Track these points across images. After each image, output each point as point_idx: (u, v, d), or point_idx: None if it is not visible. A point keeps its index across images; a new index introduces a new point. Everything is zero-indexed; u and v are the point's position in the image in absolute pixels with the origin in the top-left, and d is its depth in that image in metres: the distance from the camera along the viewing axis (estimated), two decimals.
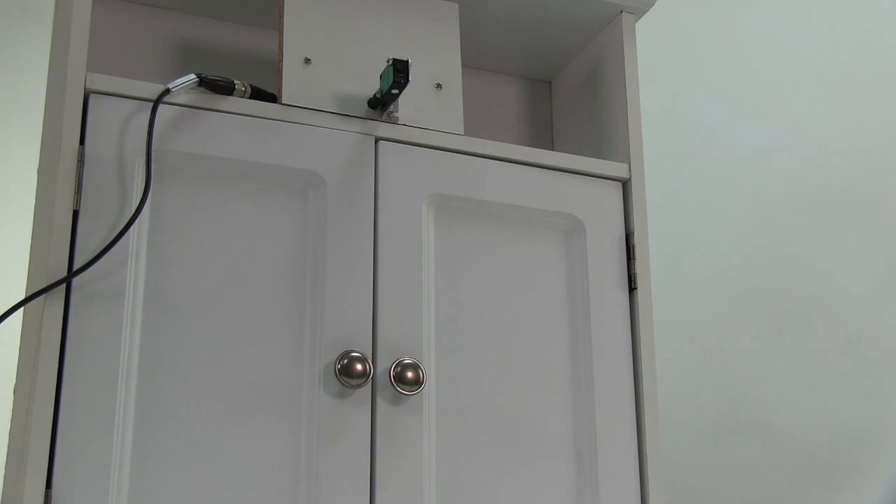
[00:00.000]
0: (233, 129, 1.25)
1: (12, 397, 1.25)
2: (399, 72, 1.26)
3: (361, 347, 1.22)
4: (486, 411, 1.28)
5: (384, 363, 1.23)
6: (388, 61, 1.27)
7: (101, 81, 1.20)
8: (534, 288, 1.34)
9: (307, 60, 1.32)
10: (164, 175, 1.21)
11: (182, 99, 1.23)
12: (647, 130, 1.52)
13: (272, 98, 1.30)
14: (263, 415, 1.18)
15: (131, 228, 1.17)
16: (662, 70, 2.19)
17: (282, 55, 1.31)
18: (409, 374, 1.22)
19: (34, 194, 1.33)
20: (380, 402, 1.22)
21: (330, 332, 1.22)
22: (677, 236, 2.12)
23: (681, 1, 2.25)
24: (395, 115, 1.32)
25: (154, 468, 1.13)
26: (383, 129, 1.32)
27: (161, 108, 1.21)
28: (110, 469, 1.10)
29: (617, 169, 1.42)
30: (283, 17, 1.33)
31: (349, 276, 1.24)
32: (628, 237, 1.40)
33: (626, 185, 1.42)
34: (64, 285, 1.13)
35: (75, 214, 1.16)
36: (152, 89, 1.22)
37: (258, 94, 1.29)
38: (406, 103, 1.34)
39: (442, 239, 1.32)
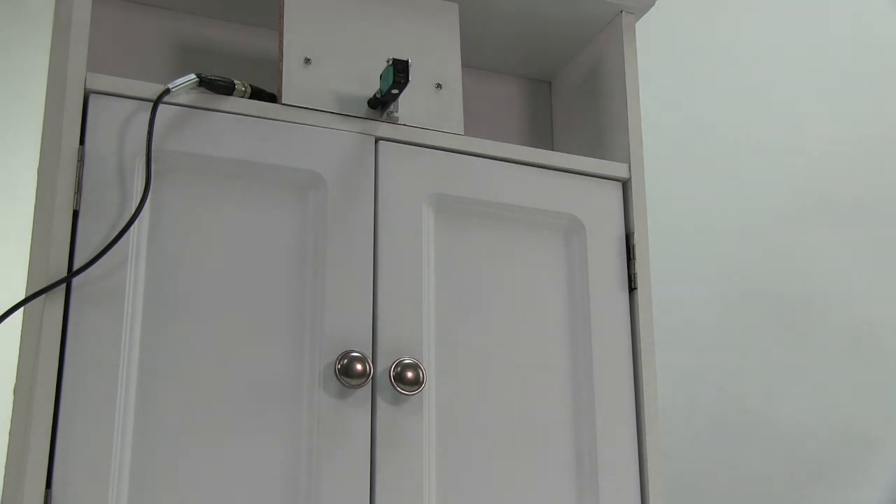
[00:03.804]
0: (233, 129, 1.25)
1: (12, 397, 1.25)
2: (399, 72, 1.26)
3: (361, 347, 1.22)
4: (486, 411, 1.28)
5: (384, 363, 1.23)
6: (388, 61, 1.27)
7: (101, 81, 1.20)
8: (534, 288, 1.34)
9: (307, 60, 1.32)
10: (164, 175, 1.21)
11: (182, 99, 1.23)
12: (647, 130, 1.52)
13: (272, 98, 1.30)
14: (263, 415, 1.18)
15: (131, 228, 1.17)
16: (662, 70, 2.19)
17: (282, 55, 1.31)
18: (409, 374, 1.22)
19: (34, 194, 1.33)
20: (380, 402, 1.22)
21: (330, 332, 1.22)
22: (677, 236, 2.12)
23: (681, 1, 2.25)
24: (395, 115, 1.32)
25: (154, 468, 1.13)
26: (383, 129, 1.32)
27: (161, 108, 1.21)
28: (110, 469, 1.10)
29: (617, 169, 1.42)
30: (283, 17, 1.33)
31: (349, 276, 1.24)
32: (628, 237, 1.40)
33: (626, 185, 1.42)
34: (64, 285, 1.13)
35: (75, 214, 1.16)
36: (152, 89, 1.22)
37: (258, 94, 1.29)
38: (406, 103, 1.34)
39: (442, 239, 1.32)
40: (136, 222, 1.18)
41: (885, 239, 2.32)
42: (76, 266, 1.14)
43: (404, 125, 1.33)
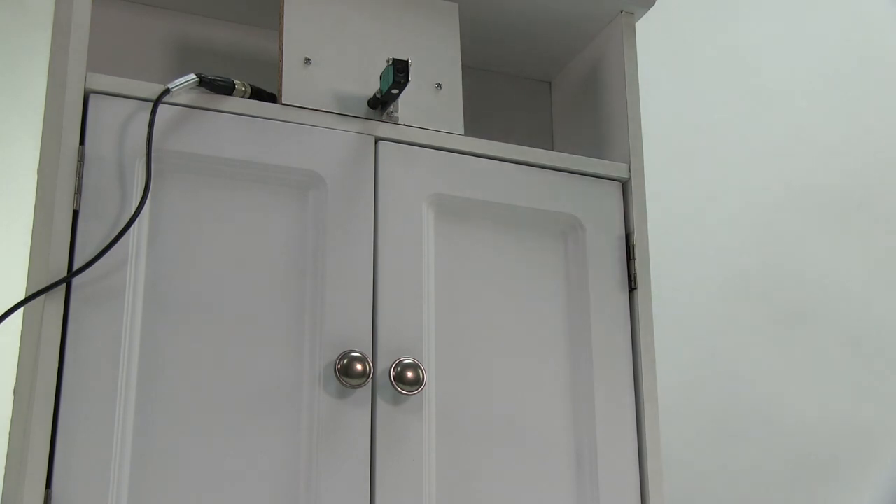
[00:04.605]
0: (233, 129, 1.25)
1: (12, 397, 1.25)
2: (399, 72, 1.26)
3: (361, 347, 1.22)
4: (486, 411, 1.28)
5: (384, 363, 1.23)
6: (388, 61, 1.27)
7: (101, 81, 1.20)
8: (533, 288, 1.34)
9: (307, 60, 1.32)
10: (164, 175, 1.21)
11: (182, 99, 1.23)
12: (647, 130, 1.52)
13: (272, 98, 1.30)
14: (263, 415, 1.18)
15: (131, 228, 1.17)
16: (662, 70, 2.19)
17: (282, 55, 1.31)
18: (409, 374, 1.22)
19: (34, 194, 1.33)
20: (380, 402, 1.22)
21: (330, 332, 1.22)
22: (677, 236, 2.12)
23: (681, 1, 2.25)
24: (395, 115, 1.32)
25: (154, 468, 1.13)
26: (383, 129, 1.32)
27: (161, 108, 1.21)
28: (110, 469, 1.10)
29: (617, 169, 1.42)
30: (283, 17, 1.33)
31: (349, 276, 1.24)
32: (628, 237, 1.40)
33: (625, 185, 1.42)
34: (64, 285, 1.13)
35: (75, 214, 1.16)
36: (152, 89, 1.22)
37: (258, 94, 1.29)
38: (406, 103, 1.34)
39: (442, 239, 1.32)
40: (136, 222, 1.18)
41: (885, 239, 2.32)
42: (76, 266, 1.14)
43: (404, 125, 1.33)
